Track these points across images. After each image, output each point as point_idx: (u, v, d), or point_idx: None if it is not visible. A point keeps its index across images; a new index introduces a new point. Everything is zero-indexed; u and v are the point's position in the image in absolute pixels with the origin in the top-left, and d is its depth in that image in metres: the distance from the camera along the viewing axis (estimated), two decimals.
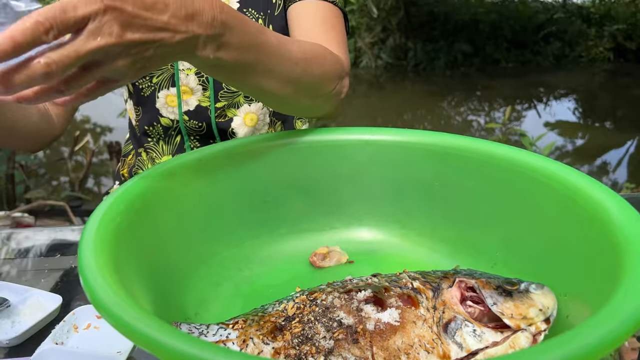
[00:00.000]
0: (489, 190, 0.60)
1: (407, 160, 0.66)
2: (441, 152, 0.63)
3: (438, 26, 8.39)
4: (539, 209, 0.54)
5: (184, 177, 0.57)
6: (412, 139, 0.66)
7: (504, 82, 7.66)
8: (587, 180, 0.51)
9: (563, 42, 8.84)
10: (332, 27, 0.78)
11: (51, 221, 2.34)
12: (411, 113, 6.36)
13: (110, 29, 0.39)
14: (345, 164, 0.68)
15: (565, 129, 5.66)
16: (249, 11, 0.82)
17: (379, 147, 0.67)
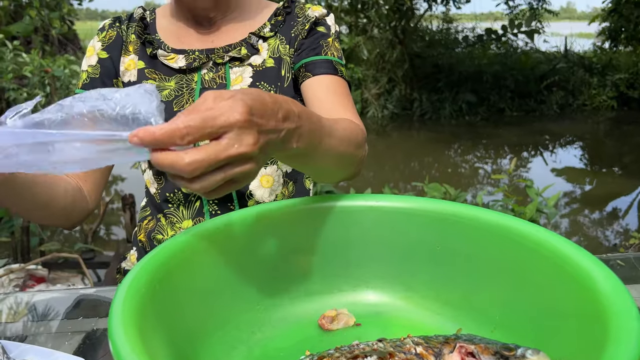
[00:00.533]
0: (486, 255, 0.64)
1: (410, 225, 0.70)
2: (440, 218, 0.68)
3: (442, 77, 8.58)
4: (531, 275, 0.58)
5: (201, 246, 0.62)
6: (414, 205, 0.70)
7: (509, 131, 7.76)
8: (575, 248, 0.55)
9: (566, 91, 8.99)
10: (345, 97, 0.87)
11: (64, 273, 2.38)
12: (418, 161, 6.43)
13: (248, 138, 0.45)
14: (353, 228, 0.72)
15: (573, 175, 5.69)
16: (262, 84, 0.89)
17: (384, 212, 0.71)
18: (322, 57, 0.90)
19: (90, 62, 0.94)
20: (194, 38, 0.93)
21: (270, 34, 0.92)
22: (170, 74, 0.90)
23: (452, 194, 2.50)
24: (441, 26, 9.66)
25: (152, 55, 0.91)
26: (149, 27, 0.95)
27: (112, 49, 0.94)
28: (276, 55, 0.91)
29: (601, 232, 4.18)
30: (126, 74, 0.92)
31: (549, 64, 9.45)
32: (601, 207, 4.72)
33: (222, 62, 0.90)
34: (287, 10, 0.95)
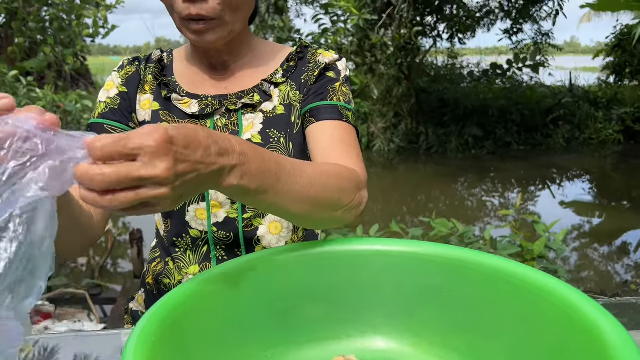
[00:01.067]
0: (493, 302, 0.64)
1: (418, 270, 0.70)
2: (448, 264, 0.68)
3: (448, 112, 8.65)
4: (539, 324, 0.58)
5: (209, 292, 0.62)
6: (421, 250, 0.71)
7: (516, 164, 7.76)
8: (583, 298, 0.55)
9: (572, 125, 9.02)
10: (347, 144, 0.86)
11: (70, 310, 2.38)
12: (425, 194, 6.43)
13: (161, 164, 0.47)
14: (361, 273, 0.72)
15: (581, 209, 5.66)
16: (272, 131, 0.90)
17: (392, 257, 0.72)
18: (327, 102, 0.90)
19: (109, 94, 0.95)
20: (208, 83, 0.94)
21: (281, 80, 0.93)
22: (184, 117, 0.92)
23: (460, 229, 2.49)
24: (446, 61, 9.79)
25: (167, 98, 0.93)
26: (166, 69, 0.97)
27: (130, 84, 0.95)
28: (286, 102, 0.92)
29: (611, 267, 4.13)
30: (141, 112, 0.94)
31: (554, 98, 9.52)
32: (610, 241, 4.67)
33: (235, 109, 0.91)
34: (299, 55, 0.96)
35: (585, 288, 3.54)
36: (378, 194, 6.27)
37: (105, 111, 0.93)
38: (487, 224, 5.19)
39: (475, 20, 9.15)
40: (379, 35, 7.14)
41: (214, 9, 0.81)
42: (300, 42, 0.99)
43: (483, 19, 9.23)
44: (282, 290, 0.69)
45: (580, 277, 3.88)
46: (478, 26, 9.31)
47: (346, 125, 0.88)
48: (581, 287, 3.46)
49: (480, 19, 9.20)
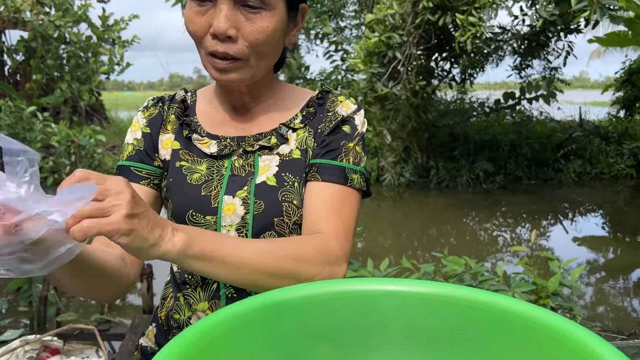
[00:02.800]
0: (507, 345, 0.63)
1: (431, 311, 0.69)
2: (461, 304, 0.67)
3: (458, 146, 8.67)
4: None
5: (218, 334, 0.62)
6: (433, 290, 0.70)
7: (528, 199, 7.71)
8: (600, 342, 0.54)
9: (583, 159, 8.98)
10: (338, 213, 0.86)
11: (79, 345, 2.36)
12: (436, 229, 6.38)
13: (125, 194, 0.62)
14: (371, 313, 0.72)
15: (595, 244, 5.58)
16: (286, 175, 0.90)
17: (403, 298, 0.71)
18: (335, 162, 0.89)
19: (135, 135, 0.98)
20: (228, 124, 0.96)
21: (300, 126, 0.94)
22: (203, 157, 0.93)
23: (473, 267, 2.46)
24: (456, 96, 9.87)
25: (188, 138, 0.95)
26: (189, 109, 0.99)
27: (153, 125, 0.98)
28: (303, 147, 0.93)
29: (628, 303, 4.04)
30: (162, 151, 0.96)
31: (564, 133, 9.51)
32: (626, 277, 4.59)
33: (252, 150, 0.93)
34: (319, 102, 0.97)
35: (602, 325, 3.45)
36: (388, 228, 6.24)
37: (132, 154, 0.96)
38: (499, 259, 5.13)
39: (484, 56, 9.26)
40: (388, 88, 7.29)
41: (241, 50, 0.82)
42: (322, 86, 1.00)
43: (491, 55, 9.33)
44: (291, 331, 0.69)
45: (596, 314, 3.80)
46: (487, 62, 9.40)
47: (346, 191, 0.88)
48: (597, 325, 3.38)
49: (488, 55, 9.30)
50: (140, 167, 0.95)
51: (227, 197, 0.90)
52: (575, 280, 2.37)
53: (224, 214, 0.89)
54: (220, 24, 0.79)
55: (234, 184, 0.91)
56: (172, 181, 0.93)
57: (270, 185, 0.89)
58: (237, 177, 0.91)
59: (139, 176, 0.94)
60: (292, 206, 0.89)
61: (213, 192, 0.90)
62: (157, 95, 1.03)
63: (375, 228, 5.98)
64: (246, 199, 0.89)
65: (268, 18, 0.82)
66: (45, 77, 10.42)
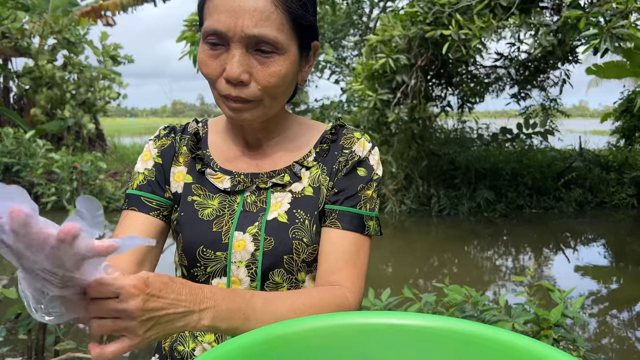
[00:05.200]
0: None
1: (433, 346, 0.70)
2: (464, 340, 0.68)
3: (459, 174, 8.69)
4: None
5: None
6: (436, 324, 0.71)
7: (529, 228, 7.68)
8: None
9: (584, 188, 8.99)
10: (354, 263, 0.89)
11: None
12: (437, 257, 6.35)
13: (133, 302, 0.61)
14: (373, 347, 0.72)
15: (597, 274, 5.54)
16: (298, 212, 0.91)
17: (405, 331, 0.71)
18: (355, 210, 0.91)
19: (147, 165, 0.97)
20: (241, 159, 0.96)
21: (313, 164, 0.95)
22: (215, 192, 0.94)
23: (474, 296, 2.45)
24: (456, 125, 9.94)
25: (201, 172, 0.95)
26: (201, 142, 0.99)
27: (165, 156, 0.97)
28: (316, 185, 0.93)
29: (632, 334, 3.99)
30: (174, 184, 0.96)
31: (565, 162, 9.54)
32: (630, 307, 4.54)
33: (265, 187, 0.93)
34: (333, 137, 0.97)
35: (606, 358, 3.41)
36: (389, 257, 6.21)
37: (143, 183, 0.95)
38: (501, 287, 5.09)
39: (484, 86, 9.36)
40: (395, 113, 7.33)
41: (254, 93, 0.83)
42: (337, 121, 1.01)
43: (492, 85, 9.44)
44: None
45: (600, 346, 3.75)
46: (487, 92, 9.50)
47: (362, 239, 0.91)
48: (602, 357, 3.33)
49: (488, 85, 9.41)
50: (150, 197, 0.94)
51: (237, 233, 0.90)
52: (577, 311, 2.35)
53: (234, 250, 0.89)
54: (233, 70, 0.80)
55: (245, 220, 0.91)
56: (184, 216, 0.93)
57: (281, 222, 0.90)
58: (248, 212, 0.92)
59: (149, 207, 0.94)
60: (302, 244, 0.89)
61: (224, 228, 0.90)
62: (168, 124, 1.03)
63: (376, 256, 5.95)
64: (256, 235, 0.89)
65: (281, 62, 0.82)
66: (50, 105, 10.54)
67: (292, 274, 0.91)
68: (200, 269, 0.91)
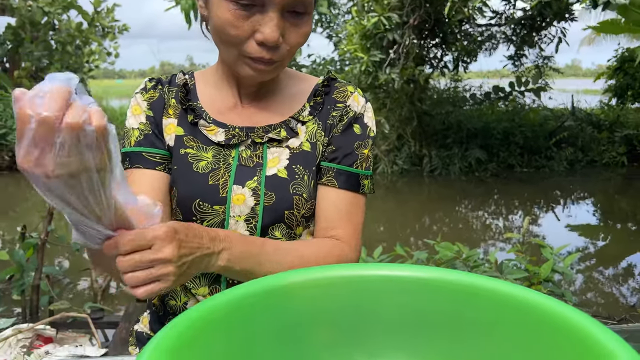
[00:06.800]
0: (506, 330, 0.63)
1: (427, 296, 0.69)
2: (458, 290, 0.67)
3: (451, 134, 8.68)
4: (554, 354, 0.56)
5: (214, 317, 0.61)
6: (429, 275, 0.70)
7: (520, 187, 7.74)
8: (602, 329, 0.54)
9: (575, 147, 9.02)
10: (350, 219, 0.92)
11: (72, 334, 2.35)
12: (429, 217, 6.41)
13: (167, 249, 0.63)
14: (366, 298, 0.71)
15: (586, 231, 5.62)
16: (297, 167, 0.90)
17: (398, 282, 0.71)
18: (352, 170, 0.93)
19: (140, 119, 0.93)
20: (233, 112, 0.94)
21: (309, 118, 0.93)
22: (209, 144, 0.91)
23: (465, 252, 2.47)
24: (449, 84, 9.86)
25: (193, 123, 0.92)
26: (190, 93, 0.95)
27: (156, 109, 0.94)
28: (313, 140, 0.93)
29: (617, 290, 4.08)
30: (166, 137, 0.93)
31: (556, 121, 9.54)
32: (616, 264, 4.63)
33: (261, 142, 0.91)
34: (326, 90, 0.96)
35: (593, 311, 3.49)
36: (382, 217, 6.25)
37: (140, 138, 0.91)
38: (491, 246, 5.16)
39: (478, 44, 9.24)
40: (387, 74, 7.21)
41: (283, 54, 0.83)
42: (329, 73, 1.00)
43: (485, 43, 9.32)
44: (286, 316, 0.68)
45: (587, 301, 3.84)
46: (480, 50, 9.39)
47: (358, 197, 0.94)
48: (588, 311, 3.41)
49: (482, 43, 9.28)
50: (153, 152, 0.91)
51: (236, 186, 0.88)
52: (568, 267, 2.39)
53: (233, 204, 0.88)
54: (273, 34, 0.78)
55: (243, 174, 0.89)
56: (177, 169, 0.90)
57: (281, 178, 0.89)
58: (245, 167, 0.90)
59: (154, 162, 0.90)
60: (301, 199, 0.89)
61: (221, 181, 0.88)
62: (153, 77, 0.98)
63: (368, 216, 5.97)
64: (256, 190, 0.88)
65: (309, 21, 0.84)
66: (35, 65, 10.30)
67: (292, 228, 0.91)
68: (196, 223, 0.89)
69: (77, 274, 3.66)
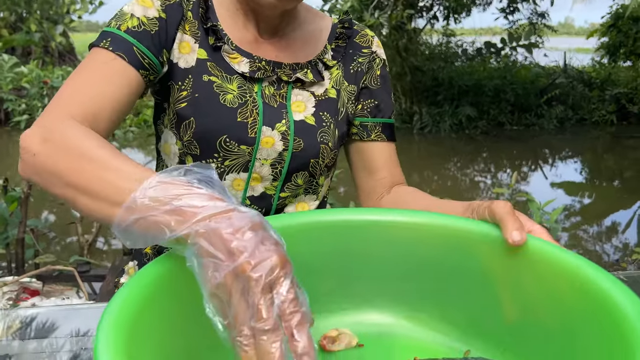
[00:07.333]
0: (496, 273, 0.61)
1: (416, 241, 0.67)
2: (449, 234, 0.65)
3: (442, 91, 8.60)
4: (550, 297, 0.55)
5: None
6: (419, 220, 0.67)
7: (509, 145, 7.75)
8: (594, 268, 0.52)
9: (566, 105, 9.01)
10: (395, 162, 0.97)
11: (59, 287, 2.34)
12: (418, 174, 6.41)
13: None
14: (355, 244, 0.69)
15: (572, 189, 5.67)
16: (324, 114, 0.86)
17: (388, 227, 0.68)
18: (392, 121, 0.96)
19: (146, 13, 0.77)
20: (255, 44, 0.85)
21: (333, 63, 0.89)
22: (232, 74, 0.82)
23: None
24: (441, 40, 9.70)
25: (216, 48, 0.81)
26: (209, 12, 0.83)
27: (172, 16, 0.79)
28: (338, 87, 0.89)
29: (600, 247, 4.15)
30: (176, 54, 0.80)
31: (548, 79, 9.48)
32: (601, 221, 4.70)
33: (287, 81, 0.85)
34: (348, 33, 0.91)
35: None
36: None
37: (138, 30, 0.75)
38: None
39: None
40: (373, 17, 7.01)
41: None
42: (342, 15, 0.95)
43: None
44: None
45: None
46: (474, 5, 9.19)
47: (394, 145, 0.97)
48: None
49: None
50: (143, 51, 0.75)
51: (265, 128, 0.82)
52: (554, 221, 2.40)
53: (262, 146, 0.82)
54: None
55: (271, 115, 0.83)
56: (199, 97, 0.79)
57: (309, 124, 0.85)
58: (269, 106, 0.83)
59: (140, 62, 0.74)
60: (327, 148, 0.86)
61: (250, 120, 0.81)
62: None
63: None
64: (285, 135, 0.83)
65: None
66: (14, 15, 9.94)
67: (314, 177, 0.88)
68: (216, 161, 0.81)
69: (64, 228, 3.62)
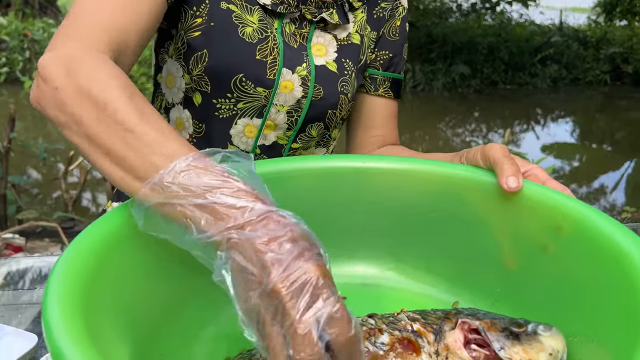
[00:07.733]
0: (485, 221, 0.57)
1: (401, 189, 0.62)
2: (436, 181, 0.60)
3: (436, 48, 8.45)
4: (545, 245, 0.51)
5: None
6: (405, 167, 0.63)
7: (502, 104, 7.69)
8: (597, 214, 0.48)
9: (560, 64, 8.90)
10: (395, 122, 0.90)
11: (43, 243, 2.30)
12: (409, 134, 6.36)
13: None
14: (337, 192, 0.64)
15: (563, 151, 5.67)
16: (346, 61, 0.80)
17: (371, 175, 0.64)
18: (401, 76, 0.89)
19: None
20: None
21: (359, 4, 0.82)
22: (253, 4, 0.73)
23: None
24: None
25: None
26: None
27: None
28: (361, 32, 0.82)
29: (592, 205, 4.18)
30: None
31: (543, 37, 9.34)
32: (590, 182, 4.71)
33: (310, 20, 0.77)
34: None
35: None
36: None
37: None
38: None
39: None
40: None
41: None
42: None
43: None
44: None
45: None
46: None
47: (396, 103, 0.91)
48: None
49: None
50: None
51: (285, 70, 0.75)
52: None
53: (280, 91, 0.75)
54: None
55: (292, 56, 0.75)
56: (215, 27, 0.71)
57: (331, 71, 0.78)
58: (289, 46, 0.76)
59: None
60: (346, 99, 0.80)
61: (269, 59, 0.73)
62: None
63: None
64: (305, 80, 0.76)
65: None
66: None
67: (329, 130, 0.83)
68: (228, 102, 0.75)
69: (47, 184, 3.56)
